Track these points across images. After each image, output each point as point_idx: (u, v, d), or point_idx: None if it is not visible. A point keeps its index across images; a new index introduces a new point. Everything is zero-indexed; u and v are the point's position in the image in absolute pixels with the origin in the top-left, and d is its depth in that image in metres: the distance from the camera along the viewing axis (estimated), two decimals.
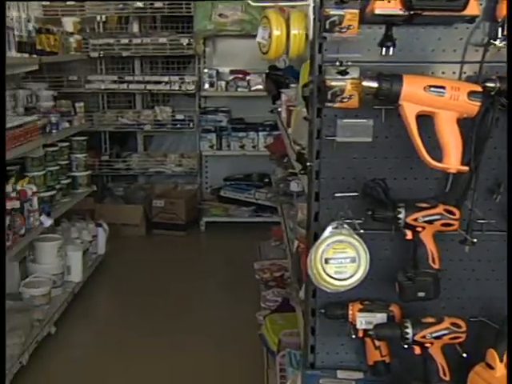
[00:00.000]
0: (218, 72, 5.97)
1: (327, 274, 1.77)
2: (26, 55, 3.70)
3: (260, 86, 5.83)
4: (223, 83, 5.93)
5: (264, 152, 5.79)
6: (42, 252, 4.10)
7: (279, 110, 4.31)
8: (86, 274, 4.55)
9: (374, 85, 1.71)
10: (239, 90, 5.92)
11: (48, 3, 5.51)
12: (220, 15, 5.61)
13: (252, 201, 5.99)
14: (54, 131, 4.27)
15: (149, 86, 5.93)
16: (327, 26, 1.67)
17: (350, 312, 1.91)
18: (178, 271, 5.05)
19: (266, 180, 6.02)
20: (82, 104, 4.93)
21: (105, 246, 5.00)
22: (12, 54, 3.52)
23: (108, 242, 5.07)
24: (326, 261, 1.77)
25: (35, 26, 3.87)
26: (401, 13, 1.67)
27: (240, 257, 5.25)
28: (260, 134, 5.96)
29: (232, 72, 6.00)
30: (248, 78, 5.90)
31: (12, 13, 3.52)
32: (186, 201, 5.90)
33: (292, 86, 4.31)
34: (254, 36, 2.21)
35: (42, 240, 4.11)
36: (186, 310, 4.27)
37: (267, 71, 5.60)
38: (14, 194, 3.60)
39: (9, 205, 3.46)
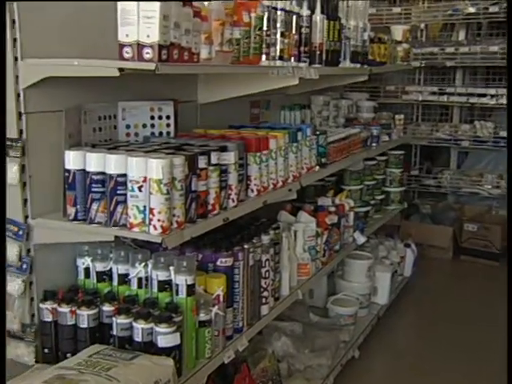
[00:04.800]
0: None
1: None
2: (358, 65, 3.55)
3: None
4: None
5: None
6: (352, 270, 3.95)
7: None
8: (391, 296, 4.29)
9: None
10: None
11: (374, 11, 5.37)
12: None
13: None
14: (374, 144, 4.08)
15: (471, 99, 5.43)
16: None
17: None
18: (487, 307, 4.50)
19: None
20: (402, 116, 4.67)
21: (411, 268, 4.68)
22: (346, 64, 3.40)
23: (414, 263, 4.76)
24: None
25: (370, 36, 3.70)
26: None
27: None
28: None
29: None
30: None
31: (350, 22, 3.39)
32: (502, 227, 5.27)
33: None
34: None
35: (352, 257, 3.95)
36: (491, 358, 3.70)
37: None
38: (332, 209, 3.48)
39: (328, 219, 3.35)
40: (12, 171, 2.00)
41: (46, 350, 2.11)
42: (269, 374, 2.74)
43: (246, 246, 2.47)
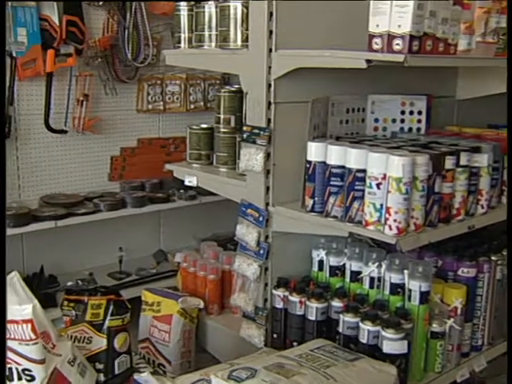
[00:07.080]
0: None
1: None
2: None
3: None
4: None
5: None
6: None
7: None
8: None
9: None
10: None
11: None
12: None
13: None
14: None
15: None
16: None
17: None
18: None
19: None
20: None
21: None
22: None
23: None
24: None
25: None
26: None
27: None
28: None
29: None
30: None
31: None
32: None
33: None
34: None
35: None
36: None
37: None
38: None
39: None
40: (257, 158, 2.06)
41: (274, 335, 2.16)
42: None
43: (493, 258, 2.25)
